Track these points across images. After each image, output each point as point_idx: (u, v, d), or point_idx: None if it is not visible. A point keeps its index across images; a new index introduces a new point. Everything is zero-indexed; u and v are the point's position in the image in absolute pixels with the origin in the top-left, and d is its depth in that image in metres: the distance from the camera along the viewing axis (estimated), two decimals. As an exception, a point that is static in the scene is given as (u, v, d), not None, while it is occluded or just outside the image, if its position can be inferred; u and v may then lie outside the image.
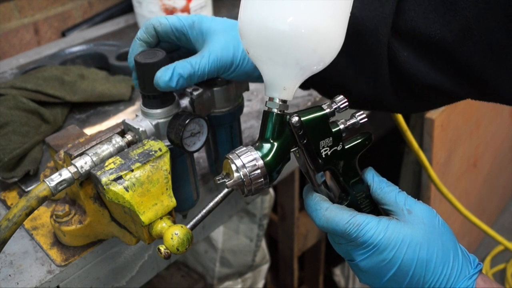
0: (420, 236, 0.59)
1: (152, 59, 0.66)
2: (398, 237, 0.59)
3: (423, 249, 0.58)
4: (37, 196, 0.60)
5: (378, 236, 0.59)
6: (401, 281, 0.59)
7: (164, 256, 0.60)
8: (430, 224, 0.60)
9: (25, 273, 0.72)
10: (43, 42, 1.44)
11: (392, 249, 0.58)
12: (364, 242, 0.59)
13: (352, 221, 0.59)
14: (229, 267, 1.81)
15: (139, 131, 0.67)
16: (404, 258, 0.58)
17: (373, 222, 0.59)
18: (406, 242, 0.58)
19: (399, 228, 0.59)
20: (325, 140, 0.61)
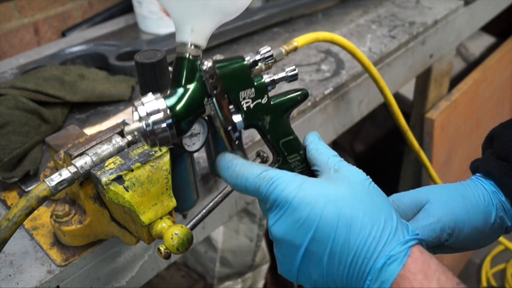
0: (343, 192, 0.51)
1: (152, 59, 0.66)
2: (315, 192, 0.51)
3: (347, 205, 0.50)
4: (37, 196, 0.60)
5: (291, 191, 0.51)
6: (322, 249, 0.51)
7: (164, 256, 0.60)
8: (357, 183, 0.53)
9: (25, 273, 0.72)
10: (43, 42, 1.44)
11: (307, 205, 0.51)
12: (275, 199, 0.52)
13: (263, 175, 0.53)
14: (229, 267, 1.81)
15: (139, 131, 0.67)
16: (324, 215, 0.50)
17: (286, 176, 0.53)
18: (324, 197, 0.51)
19: (318, 183, 0.52)
20: (246, 91, 0.57)
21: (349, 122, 1.21)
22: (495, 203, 0.66)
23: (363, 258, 0.49)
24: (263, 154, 0.75)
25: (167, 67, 0.68)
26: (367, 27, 1.34)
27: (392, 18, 1.38)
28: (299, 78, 1.13)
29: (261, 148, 0.96)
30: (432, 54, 1.42)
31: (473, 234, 0.65)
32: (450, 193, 0.66)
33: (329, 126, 1.14)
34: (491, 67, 1.85)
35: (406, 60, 1.31)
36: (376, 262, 0.49)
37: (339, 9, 1.45)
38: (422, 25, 1.33)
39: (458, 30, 1.49)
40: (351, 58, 1.07)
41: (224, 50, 1.26)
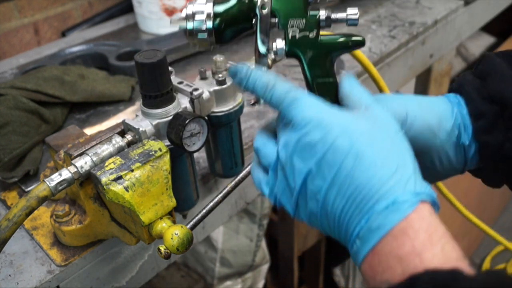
0: (362, 126, 0.49)
1: (152, 59, 0.66)
2: (333, 120, 0.49)
3: (361, 140, 0.48)
4: (37, 196, 0.60)
5: (310, 113, 0.50)
6: (325, 176, 0.49)
7: (164, 256, 0.60)
8: (383, 124, 0.51)
9: (25, 273, 0.72)
10: (43, 42, 1.44)
11: (321, 130, 0.49)
12: (292, 118, 0.51)
13: (291, 92, 0.52)
14: (229, 267, 1.81)
15: (139, 131, 0.67)
16: (335, 142, 0.48)
17: (311, 99, 0.52)
18: (341, 126, 0.49)
19: (340, 113, 0.51)
20: (297, 20, 0.57)
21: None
22: (455, 113, 0.62)
23: (364, 195, 0.47)
24: None
25: (167, 67, 0.68)
26: (367, 27, 1.34)
27: (392, 18, 1.38)
28: (298, 77, 1.13)
29: (261, 148, 0.96)
30: (432, 54, 1.42)
31: (425, 133, 0.60)
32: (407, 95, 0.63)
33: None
34: (491, 67, 1.85)
35: (406, 60, 1.31)
36: (377, 204, 0.46)
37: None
38: (422, 25, 1.33)
39: (458, 30, 1.49)
40: (351, 58, 1.06)
41: (224, 50, 1.26)
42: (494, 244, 2.30)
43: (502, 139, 0.60)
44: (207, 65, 1.19)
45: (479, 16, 1.58)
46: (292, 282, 1.88)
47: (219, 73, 0.74)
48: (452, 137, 0.62)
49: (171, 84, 0.69)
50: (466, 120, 0.62)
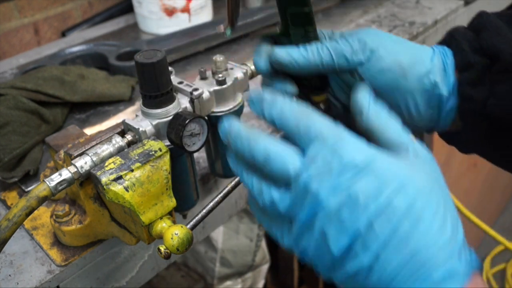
0: (420, 183, 0.43)
1: (152, 59, 0.66)
2: (390, 169, 0.43)
3: (420, 201, 0.42)
4: (37, 196, 0.60)
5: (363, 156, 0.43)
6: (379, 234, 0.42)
7: (164, 256, 0.60)
8: (435, 175, 0.45)
9: (25, 273, 0.72)
10: (43, 42, 1.44)
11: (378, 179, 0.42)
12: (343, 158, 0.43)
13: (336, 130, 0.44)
14: (229, 267, 1.81)
15: (139, 131, 0.67)
16: (393, 201, 0.42)
17: (361, 141, 0.44)
18: (399, 180, 0.42)
19: (396, 162, 0.44)
20: None
21: (349, 122, 1.21)
22: (435, 60, 0.57)
23: (421, 262, 0.42)
24: None
25: (167, 67, 0.68)
26: (367, 27, 1.34)
27: (392, 18, 1.38)
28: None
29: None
30: (432, 54, 1.42)
31: (395, 69, 0.55)
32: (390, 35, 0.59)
33: (329, 126, 1.14)
34: (491, 67, 1.85)
35: (406, 60, 1.31)
36: (434, 272, 0.42)
37: (339, 9, 1.45)
38: (422, 25, 1.33)
39: (458, 30, 1.49)
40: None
41: (224, 50, 1.26)
42: (494, 244, 2.30)
43: (487, 94, 0.55)
44: (207, 65, 1.19)
45: (479, 16, 1.58)
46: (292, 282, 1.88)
47: (219, 73, 0.74)
48: (425, 84, 0.57)
49: (171, 84, 0.69)
50: (449, 70, 0.58)
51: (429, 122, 0.60)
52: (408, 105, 0.58)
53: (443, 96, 0.58)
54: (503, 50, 0.55)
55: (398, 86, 0.57)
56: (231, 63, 0.79)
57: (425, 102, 0.58)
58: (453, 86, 0.58)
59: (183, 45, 1.21)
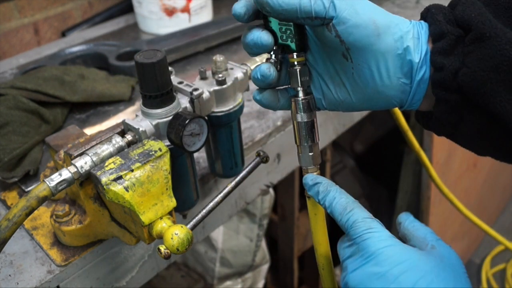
0: (429, 265, 0.51)
1: (152, 59, 0.66)
2: (403, 255, 0.51)
3: (426, 278, 0.50)
4: (37, 196, 0.60)
5: (383, 245, 0.52)
6: None
7: (164, 256, 0.60)
8: (449, 264, 0.52)
9: (25, 273, 0.72)
10: (43, 42, 1.44)
11: (390, 263, 0.51)
12: (366, 248, 0.53)
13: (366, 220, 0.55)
14: (229, 267, 1.81)
15: (139, 131, 0.67)
16: (400, 278, 0.50)
17: (384, 232, 0.54)
18: (409, 263, 0.51)
19: (410, 250, 0.53)
20: None
21: (349, 122, 1.21)
22: (409, 28, 0.58)
23: None
24: (263, 154, 0.75)
25: (167, 67, 0.68)
26: None
27: (392, 18, 1.38)
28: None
29: (261, 148, 0.96)
30: (432, 54, 1.42)
31: (370, 28, 0.57)
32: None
33: (329, 126, 1.14)
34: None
35: (406, 60, 1.31)
36: None
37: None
38: (422, 25, 1.33)
39: (458, 30, 1.49)
40: (351, 58, 1.06)
41: (224, 50, 1.26)
42: (494, 244, 2.30)
43: (458, 64, 0.56)
44: (207, 65, 1.19)
45: (479, 16, 1.57)
46: (292, 282, 1.88)
47: (219, 73, 0.74)
48: (397, 48, 0.58)
49: (171, 84, 0.69)
50: (422, 39, 0.58)
51: (401, 93, 0.60)
52: (380, 68, 0.59)
53: (414, 63, 0.58)
54: (475, 19, 0.55)
55: (371, 45, 0.58)
56: (231, 63, 0.79)
57: (397, 67, 0.58)
58: (425, 55, 0.58)
59: (183, 45, 1.21)
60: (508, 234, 1.97)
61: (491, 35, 0.54)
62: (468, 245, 2.32)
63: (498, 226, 2.44)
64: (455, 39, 0.56)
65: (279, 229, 1.78)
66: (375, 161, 2.16)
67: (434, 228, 1.79)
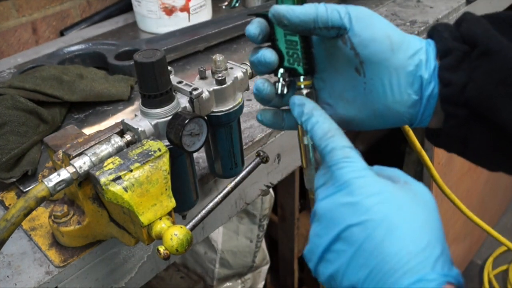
0: (401, 199, 0.49)
1: (151, 58, 0.65)
2: (375, 187, 0.49)
3: (398, 213, 0.48)
4: (35, 197, 0.59)
5: (356, 176, 0.50)
6: (353, 241, 0.48)
7: (163, 257, 0.59)
8: (422, 200, 0.50)
9: (23, 274, 0.72)
10: (41, 41, 1.43)
11: (361, 194, 0.49)
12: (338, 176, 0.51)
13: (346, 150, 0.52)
14: (228, 268, 1.81)
15: (138, 131, 0.66)
16: (371, 210, 0.48)
17: (360, 163, 0.52)
18: (381, 195, 0.49)
19: (384, 182, 0.50)
20: None
21: (350, 122, 1.21)
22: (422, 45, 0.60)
23: (390, 267, 0.46)
24: (263, 154, 0.74)
25: (166, 66, 0.67)
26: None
27: (393, 17, 1.38)
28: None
29: (261, 148, 0.96)
30: (433, 54, 1.41)
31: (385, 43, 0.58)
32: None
33: (330, 126, 1.14)
34: (492, 66, 1.84)
35: (407, 60, 1.31)
36: (402, 278, 0.45)
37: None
38: (424, 24, 1.33)
39: (459, 29, 1.48)
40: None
41: (224, 49, 1.26)
42: (496, 245, 2.30)
43: (465, 79, 0.57)
44: (207, 64, 1.19)
45: (480, 15, 1.57)
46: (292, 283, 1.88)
47: (218, 72, 0.74)
48: (410, 65, 0.59)
49: (171, 83, 0.69)
50: (430, 55, 0.60)
51: (411, 109, 0.61)
52: (392, 83, 0.60)
53: (424, 79, 0.59)
54: (481, 35, 0.57)
55: (385, 60, 0.59)
56: (230, 62, 0.78)
57: (408, 83, 0.60)
58: (434, 71, 0.59)
59: (182, 44, 1.21)
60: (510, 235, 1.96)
61: (497, 49, 0.55)
62: (470, 246, 2.31)
63: (500, 227, 2.43)
64: (461, 55, 0.58)
65: (279, 229, 1.78)
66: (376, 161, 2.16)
67: (435, 228, 1.79)
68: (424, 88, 0.60)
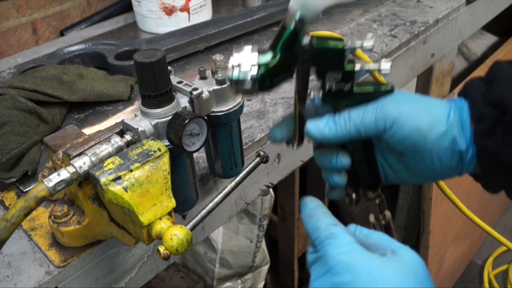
0: (390, 275, 0.50)
1: (151, 58, 0.65)
2: (362, 265, 0.51)
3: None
4: (35, 197, 0.59)
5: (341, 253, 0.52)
6: None
7: (163, 257, 0.59)
8: (411, 269, 0.51)
9: (23, 274, 0.72)
10: (41, 41, 1.43)
11: (350, 274, 0.50)
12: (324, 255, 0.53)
13: (328, 228, 0.55)
14: (228, 268, 1.81)
15: (138, 131, 0.66)
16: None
17: (344, 238, 0.54)
18: (369, 274, 0.50)
19: (369, 258, 0.52)
20: (334, 72, 0.60)
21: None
22: (451, 118, 0.63)
23: None
24: (263, 154, 0.74)
25: (166, 66, 0.67)
26: (368, 26, 1.33)
27: (393, 17, 1.38)
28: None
29: (261, 148, 0.96)
30: (433, 53, 1.41)
31: (414, 134, 0.62)
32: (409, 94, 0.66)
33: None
34: (492, 66, 1.84)
35: (407, 60, 1.31)
36: None
37: (339, 8, 1.45)
38: (424, 24, 1.33)
39: (460, 29, 1.48)
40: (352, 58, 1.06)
41: (224, 49, 1.26)
42: (496, 245, 2.30)
43: (500, 144, 0.61)
44: (207, 64, 1.19)
45: (481, 15, 1.57)
46: (292, 283, 1.88)
47: (218, 72, 0.74)
48: (445, 142, 0.63)
49: (171, 83, 0.69)
50: (465, 124, 0.63)
51: (453, 171, 0.66)
52: (433, 160, 0.64)
53: (462, 151, 0.64)
54: (510, 103, 0.60)
55: (420, 148, 0.64)
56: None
57: (447, 156, 0.64)
58: (470, 137, 0.63)
59: (182, 44, 1.21)
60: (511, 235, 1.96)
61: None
62: (470, 246, 2.31)
63: (500, 227, 2.43)
64: (493, 121, 0.62)
65: (279, 229, 1.77)
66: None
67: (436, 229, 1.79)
68: (464, 155, 0.64)
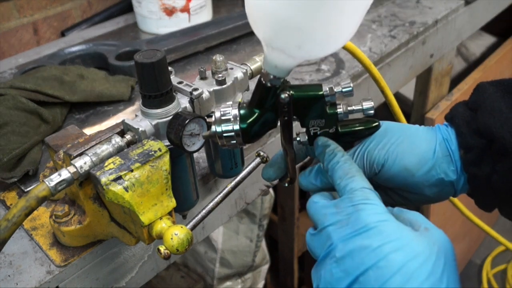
0: (420, 247, 0.49)
1: (151, 59, 0.66)
2: (395, 233, 0.50)
3: (416, 261, 0.48)
4: (36, 196, 0.59)
5: (376, 219, 0.51)
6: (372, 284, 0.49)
7: (164, 256, 0.60)
8: (441, 249, 0.51)
9: (24, 274, 0.72)
10: (42, 41, 1.43)
11: (381, 239, 0.49)
12: (358, 218, 0.52)
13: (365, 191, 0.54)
14: (229, 268, 1.81)
15: (138, 131, 0.67)
16: (389, 257, 0.49)
17: (380, 206, 0.53)
18: (400, 241, 0.49)
19: (403, 228, 0.51)
20: (317, 120, 0.61)
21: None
22: (438, 152, 0.65)
23: None
24: (263, 154, 0.74)
25: (166, 67, 0.67)
26: (367, 27, 1.34)
27: (392, 18, 1.38)
28: (299, 78, 1.13)
29: (261, 148, 0.96)
30: (432, 54, 1.42)
31: (403, 173, 0.64)
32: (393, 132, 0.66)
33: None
34: (491, 67, 1.85)
35: (407, 60, 1.31)
36: None
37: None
38: (423, 24, 1.33)
39: (459, 29, 1.48)
40: (351, 58, 1.06)
41: (224, 50, 1.26)
42: (495, 244, 2.30)
43: (489, 171, 0.63)
44: (207, 65, 1.19)
45: (479, 15, 1.57)
46: (292, 282, 1.88)
47: (218, 73, 0.74)
48: (433, 176, 0.65)
49: (171, 84, 0.69)
50: (454, 155, 0.65)
51: (447, 195, 0.68)
52: (424, 193, 0.66)
53: (453, 180, 0.65)
54: (497, 132, 0.61)
55: (410, 184, 0.65)
56: (231, 63, 0.79)
57: (438, 187, 0.66)
58: (461, 167, 0.65)
59: (182, 45, 1.21)
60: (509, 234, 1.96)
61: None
62: (469, 246, 2.31)
63: (499, 227, 2.43)
64: (482, 150, 0.63)
65: (279, 229, 1.78)
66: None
67: (434, 228, 1.79)
68: (456, 183, 0.66)
